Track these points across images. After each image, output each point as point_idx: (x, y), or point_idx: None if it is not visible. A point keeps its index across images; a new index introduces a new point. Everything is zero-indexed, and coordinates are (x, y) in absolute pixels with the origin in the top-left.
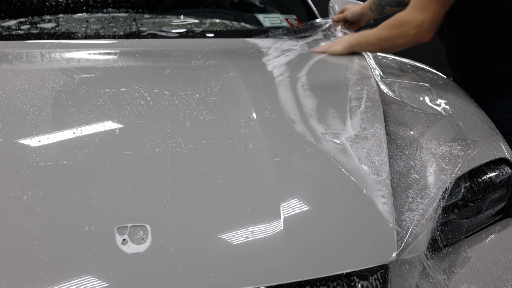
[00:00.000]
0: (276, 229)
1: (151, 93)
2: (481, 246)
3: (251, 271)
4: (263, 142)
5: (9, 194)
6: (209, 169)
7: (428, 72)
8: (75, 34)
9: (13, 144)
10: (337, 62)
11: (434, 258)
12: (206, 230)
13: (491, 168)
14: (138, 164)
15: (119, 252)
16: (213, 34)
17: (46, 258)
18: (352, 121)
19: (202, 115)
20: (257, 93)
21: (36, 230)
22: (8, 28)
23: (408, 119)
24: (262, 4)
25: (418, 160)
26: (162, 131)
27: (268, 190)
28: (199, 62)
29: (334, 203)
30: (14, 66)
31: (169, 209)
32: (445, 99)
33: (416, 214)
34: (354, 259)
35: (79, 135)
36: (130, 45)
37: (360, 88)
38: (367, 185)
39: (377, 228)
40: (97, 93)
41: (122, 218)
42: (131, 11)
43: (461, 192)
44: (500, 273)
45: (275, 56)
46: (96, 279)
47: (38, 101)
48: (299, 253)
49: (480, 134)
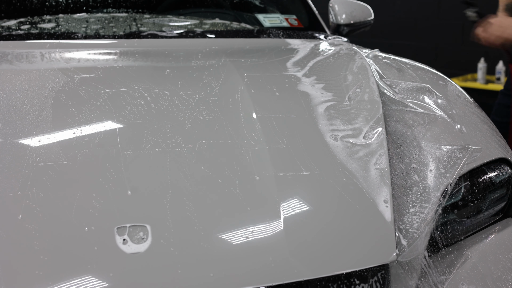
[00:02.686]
0: (276, 229)
1: (151, 93)
2: (481, 246)
3: (251, 271)
4: (263, 142)
5: (9, 194)
6: (209, 169)
7: (428, 72)
8: (75, 34)
9: (13, 144)
10: (337, 62)
11: (434, 258)
12: (206, 230)
13: (491, 168)
14: (138, 164)
15: (119, 252)
16: (213, 34)
17: (46, 258)
18: (352, 122)
19: (202, 115)
20: (257, 93)
21: (36, 230)
22: (8, 28)
23: (408, 119)
24: (262, 4)
25: (418, 161)
26: (162, 131)
27: (268, 190)
28: (199, 62)
29: (334, 203)
30: (14, 66)
31: (169, 209)
32: (445, 99)
33: (416, 214)
34: (354, 259)
35: (79, 135)
36: (130, 45)
37: (360, 89)
38: (367, 185)
39: (377, 228)
40: (97, 93)
41: (122, 218)
42: (131, 11)
43: (461, 192)
44: (500, 273)
45: (275, 56)
46: (96, 279)
47: (38, 101)
48: (299, 253)
49: (480, 134)
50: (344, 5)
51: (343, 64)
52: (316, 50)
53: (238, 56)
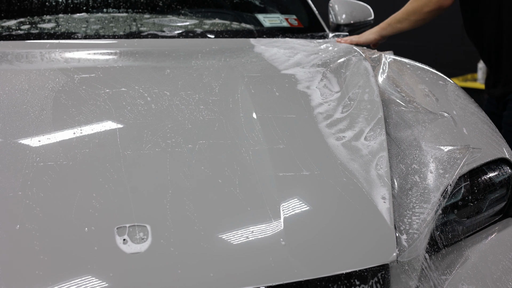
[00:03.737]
0: (276, 229)
1: (151, 93)
2: (481, 246)
3: (251, 271)
4: (263, 142)
5: (9, 194)
6: (209, 169)
7: (428, 72)
8: (75, 34)
9: (13, 144)
10: (337, 62)
11: (434, 258)
12: (206, 230)
13: (491, 168)
14: (138, 164)
15: (119, 252)
16: (213, 34)
17: (46, 258)
18: (353, 122)
19: (202, 115)
20: (257, 93)
21: (36, 230)
22: (8, 28)
23: (408, 119)
24: (262, 4)
25: (418, 161)
26: (162, 131)
27: (268, 190)
28: (199, 62)
29: (334, 203)
30: (14, 66)
31: (169, 209)
32: (445, 99)
33: (416, 214)
34: (354, 259)
35: (79, 135)
36: (130, 45)
37: (360, 89)
38: (367, 186)
39: (377, 228)
40: (97, 93)
41: (122, 218)
42: (131, 11)
43: (461, 192)
44: (500, 273)
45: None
46: (96, 279)
47: (38, 101)
48: (299, 253)
49: (480, 134)
50: (344, 5)
51: (343, 64)
52: (316, 50)
53: (238, 56)
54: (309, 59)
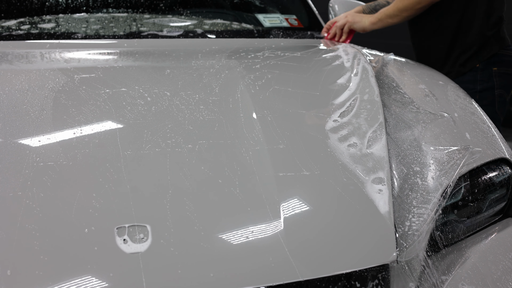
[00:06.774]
0: (276, 229)
1: (151, 93)
2: (481, 246)
3: (251, 271)
4: (263, 142)
5: (9, 194)
6: (209, 169)
7: (428, 72)
8: (75, 34)
9: (13, 144)
10: (337, 62)
11: (434, 259)
12: (206, 230)
13: (491, 168)
14: (138, 164)
15: (119, 252)
16: (213, 35)
17: (46, 258)
18: (353, 122)
19: (202, 115)
20: (257, 93)
21: (36, 230)
22: (8, 28)
23: (408, 120)
24: (262, 4)
25: (418, 161)
26: (162, 131)
27: (268, 190)
28: (199, 62)
29: (334, 203)
30: (14, 66)
31: (169, 209)
32: (445, 99)
33: (416, 214)
34: (354, 259)
35: (79, 135)
36: (130, 45)
37: (360, 89)
38: (367, 186)
39: (377, 228)
40: (97, 93)
41: (122, 218)
42: (131, 11)
43: (461, 192)
44: (500, 273)
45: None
46: (96, 279)
47: (38, 101)
48: (299, 253)
49: (480, 134)
50: (344, 5)
51: (343, 64)
52: (316, 50)
53: (238, 56)
54: (309, 59)
